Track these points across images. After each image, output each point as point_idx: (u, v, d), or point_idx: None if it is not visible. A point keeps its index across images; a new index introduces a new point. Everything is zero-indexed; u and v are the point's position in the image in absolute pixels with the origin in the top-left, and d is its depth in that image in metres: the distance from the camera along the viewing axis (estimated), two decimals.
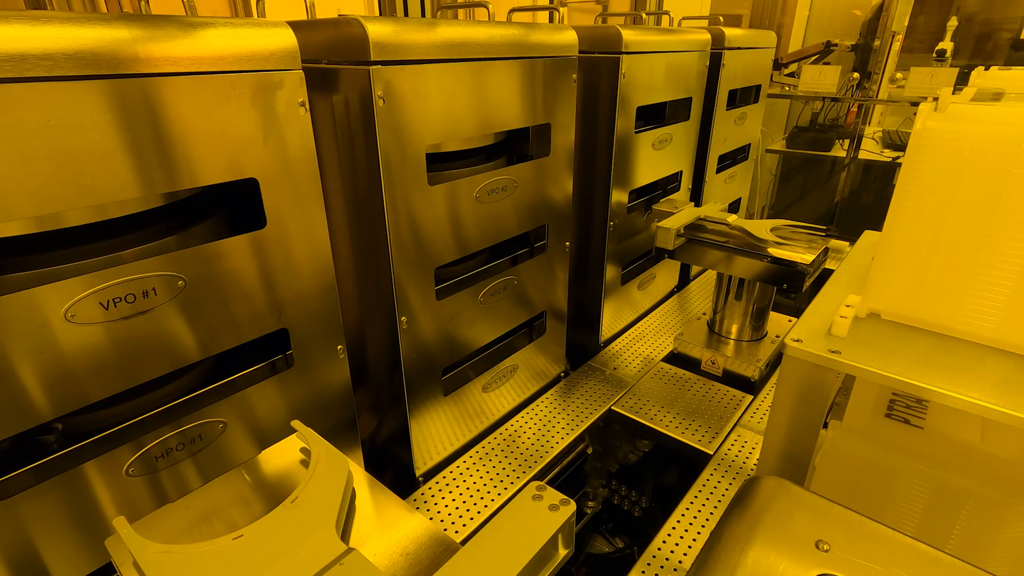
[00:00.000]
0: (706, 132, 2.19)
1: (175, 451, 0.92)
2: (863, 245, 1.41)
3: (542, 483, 0.66)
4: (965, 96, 1.06)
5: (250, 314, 0.95)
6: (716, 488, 1.40)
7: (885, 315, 1.04)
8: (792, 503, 0.79)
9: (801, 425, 1.03)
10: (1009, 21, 3.89)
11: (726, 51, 2.10)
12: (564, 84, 1.41)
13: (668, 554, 1.23)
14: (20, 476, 0.77)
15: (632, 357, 1.94)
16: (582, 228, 1.86)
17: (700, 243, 1.70)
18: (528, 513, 0.62)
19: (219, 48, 0.80)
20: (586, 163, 1.75)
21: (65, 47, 0.67)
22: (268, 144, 0.89)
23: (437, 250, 1.24)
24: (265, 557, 0.60)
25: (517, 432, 1.58)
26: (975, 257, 0.92)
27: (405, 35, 1.04)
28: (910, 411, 1.09)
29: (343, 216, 1.21)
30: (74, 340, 0.76)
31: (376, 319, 1.26)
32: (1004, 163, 0.85)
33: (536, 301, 1.59)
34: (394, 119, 1.06)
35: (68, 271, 0.77)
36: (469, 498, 1.36)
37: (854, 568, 0.69)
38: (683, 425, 1.60)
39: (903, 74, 3.19)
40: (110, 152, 0.73)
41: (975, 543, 1.00)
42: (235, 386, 0.97)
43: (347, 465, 0.72)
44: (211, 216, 0.95)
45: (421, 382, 1.32)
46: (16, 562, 0.79)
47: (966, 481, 1.00)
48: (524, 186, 1.39)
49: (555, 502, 0.63)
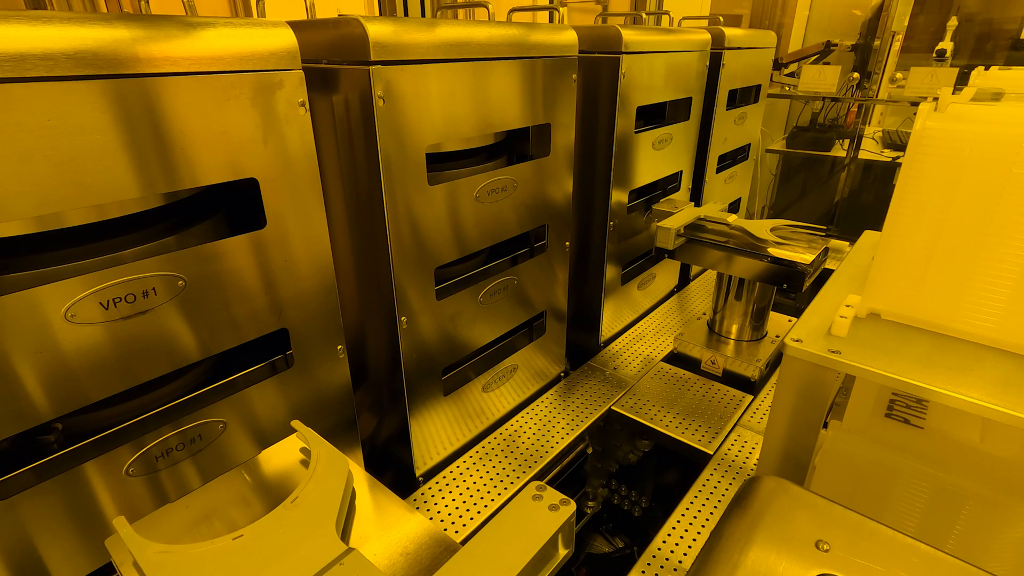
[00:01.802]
0: (706, 132, 2.19)
1: (175, 451, 0.92)
2: (863, 245, 1.41)
3: (542, 483, 0.66)
4: (965, 96, 1.05)
5: (250, 314, 0.95)
6: (716, 488, 1.40)
7: (885, 315, 1.04)
8: (792, 503, 0.79)
9: (801, 425, 1.03)
10: (1009, 21, 3.89)
11: (726, 51, 2.10)
12: (564, 84, 1.41)
13: (668, 554, 1.23)
14: (20, 476, 0.77)
15: (632, 357, 1.94)
16: (582, 228, 1.86)
17: (700, 243, 1.70)
18: (528, 513, 0.62)
19: (219, 48, 0.80)
20: (586, 163, 1.75)
21: (65, 47, 0.67)
22: (268, 144, 0.89)
23: (437, 250, 1.24)
24: (265, 557, 0.60)
25: (517, 432, 1.58)
26: (975, 257, 0.92)
27: (405, 35, 1.04)
28: (910, 411, 1.09)
29: (343, 216, 1.21)
30: (74, 340, 0.76)
31: (376, 319, 1.26)
32: (1004, 163, 0.85)
33: (536, 301, 1.59)
34: (394, 119, 1.06)
35: (68, 271, 0.77)
36: (469, 498, 1.36)
37: (854, 568, 0.69)
38: (683, 425, 1.60)
39: (903, 74, 3.19)
40: (110, 152, 0.73)
41: (975, 543, 1.00)
42: (235, 386, 0.97)
43: (347, 465, 0.72)
44: (211, 216, 0.95)
45: (421, 382, 1.32)
46: (16, 562, 0.79)
47: (966, 481, 1.00)
48: (524, 186, 1.39)
49: (555, 502, 0.63)
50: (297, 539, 0.61)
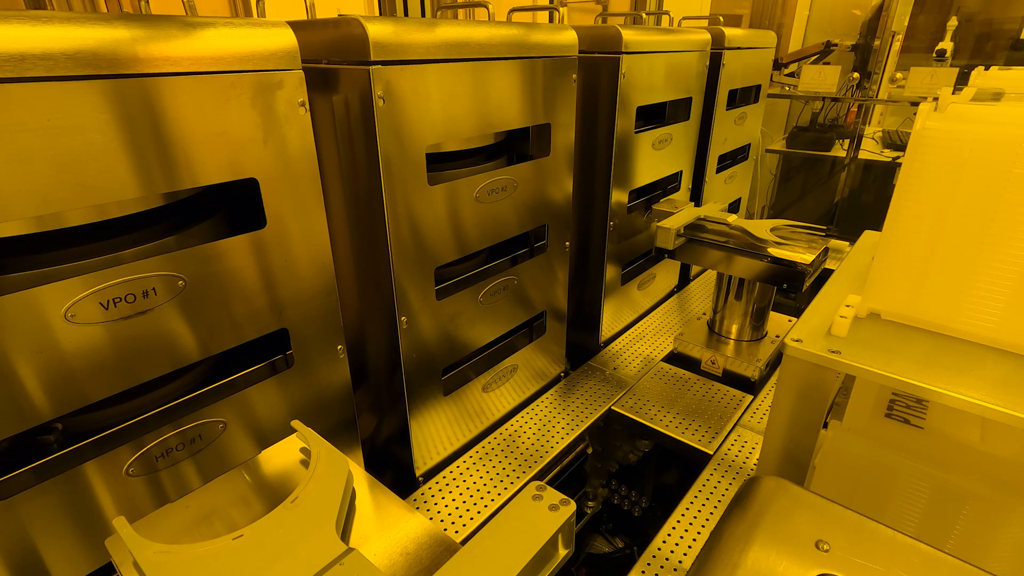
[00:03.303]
0: (706, 132, 2.19)
1: (175, 451, 0.92)
2: (863, 245, 1.41)
3: (542, 483, 0.66)
4: (965, 96, 1.06)
5: (250, 314, 0.95)
6: (716, 488, 1.40)
7: (885, 315, 1.04)
8: (792, 503, 0.79)
9: (801, 425, 1.03)
10: (1009, 21, 3.89)
11: (726, 51, 2.10)
12: (564, 84, 1.41)
13: (668, 554, 1.23)
14: (20, 476, 0.77)
15: (632, 357, 1.94)
16: (582, 228, 1.86)
17: (700, 243, 1.70)
18: (528, 513, 0.62)
19: (219, 48, 0.80)
20: (586, 163, 1.75)
21: (65, 47, 0.67)
22: (268, 144, 0.89)
23: (437, 250, 1.24)
24: (265, 557, 0.60)
25: (517, 432, 1.58)
26: (975, 257, 0.92)
27: (405, 35, 1.04)
28: (910, 411, 1.09)
29: (343, 216, 1.21)
30: (74, 340, 0.76)
31: (376, 319, 1.26)
32: (1004, 163, 0.85)
33: (536, 301, 1.59)
34: (394, 119, 1.06)
35: (68, 271, 0.77)
36: (469, 498, 1.36)
37: (854, 568, 0.69)
38: (683, 425, 1.60)
39: (903, 74, 3.19)
40: (110, 152, 0.73)
41: (975, 543, 1.00)
42: (235, 386, 0.97)
43: (347, 465, 0.72)
44: (211, 216, 0.95)
45: (421, 382, 1.32)
46: (16, 562, 0.79)
47: (966, 481, 1.00)
48: (524, 186, 1.39)
49: (555, 502, 0.63)
50: (297, 539, 0.61)
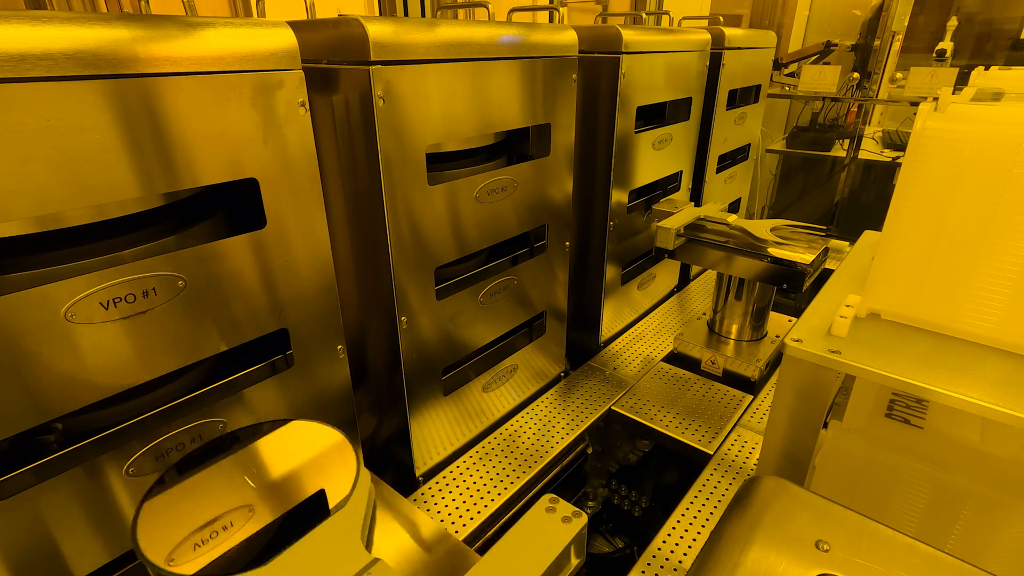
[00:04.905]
0: (706, 132, 2.19)
1: (175, 451, 0.92)
2: (863, 245, 1.41)
3: (555, 496, 0.67)
4: (965, 96, 1.06)
5: (250, 314, 0.95)
6: (716, 488, 1.40)
7: (885, 315, 1.04)
8: (792, 503, 0.79)
9: (801, 425, 1.03)
10: (1009, 21, 3.89)
11: (726, 51, 2.10)
12: (564, 84, 1.41)
13: (668, 554, 1.23)
14: (20, 476, 0.77)
15: (632, 357, 1.94)
16: (582, 228, 1.86)
17: (700, 243, 1.70)
18: (542, 525, 0.65)
19: (219, 48, 0.80)
20: (586, 163, 1.75)
21: (65, 47, 0.67)
22: (268, 144, 0.89)
23: (437, 250, 1.24)
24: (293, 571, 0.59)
25: (517, 432, 1.58)
26: (975, 257, 0.92)
27: (405, 35, 1.03)
28: (910, 411, 1.09)
29: (343, 216, 1.21)
30: (74, 340, 0.76)
31: (376, 319, 1.26)
32: (1004, 163, 0.85)
33: (536, 301, 1.59)
34: (394, 119, 1.06)
35: (68, 271, 0.77)
36: (469, 498, 1.36)
37: (854, 568, 0.69)
38: (683, 425, 1.60)
39: (903, 74, 3.19)
40: (110, 152, 0.73)
41: (975, 543, 1.00)
42: (235, 386, 0.97)
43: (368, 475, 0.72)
44: (211, 216, 0.95)
45: (421, 382, 1.32)
46: (16, 562, 0.79)
47: (966, 481, 1.00)
48: (524, 186, 1.39)
49: (568, 514, 0.66)
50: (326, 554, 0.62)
